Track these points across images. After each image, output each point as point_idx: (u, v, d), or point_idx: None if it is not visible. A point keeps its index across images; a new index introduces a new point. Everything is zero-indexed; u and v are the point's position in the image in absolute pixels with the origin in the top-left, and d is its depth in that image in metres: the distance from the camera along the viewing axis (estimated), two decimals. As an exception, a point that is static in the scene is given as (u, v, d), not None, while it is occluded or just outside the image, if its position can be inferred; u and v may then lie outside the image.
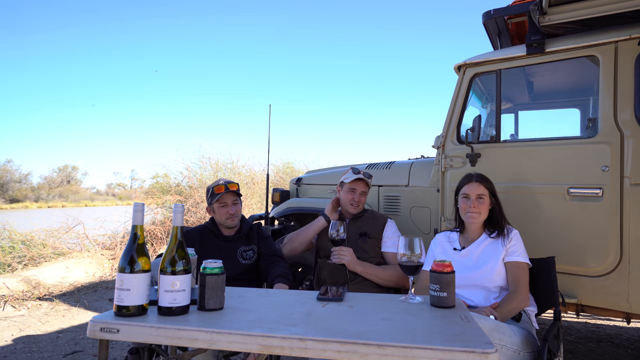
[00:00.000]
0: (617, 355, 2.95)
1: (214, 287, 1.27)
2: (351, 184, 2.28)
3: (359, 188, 2.29)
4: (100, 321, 1.14)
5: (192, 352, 1.32)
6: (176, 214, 1.28)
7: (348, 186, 2.29)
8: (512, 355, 1.50)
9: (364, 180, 2.29)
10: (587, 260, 2.22)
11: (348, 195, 2.29)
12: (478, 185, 1.94)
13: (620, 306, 2.15)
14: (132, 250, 1.20)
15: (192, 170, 9.04)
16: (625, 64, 2.18)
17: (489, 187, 1.97)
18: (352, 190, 2.29)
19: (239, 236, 2.24)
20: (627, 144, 2.14)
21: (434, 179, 2.79)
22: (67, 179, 51.94)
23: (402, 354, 0.98)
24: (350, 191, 2.29)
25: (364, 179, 2.28)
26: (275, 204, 3.82)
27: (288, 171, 10.60)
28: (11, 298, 4.30)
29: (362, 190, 2.31)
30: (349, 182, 2.28)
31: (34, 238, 6.10)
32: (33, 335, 3.42)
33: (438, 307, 1.33)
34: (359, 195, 2.29)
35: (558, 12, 2.26)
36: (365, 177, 2.29)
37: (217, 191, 2.17)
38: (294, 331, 1.08)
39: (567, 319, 3.71)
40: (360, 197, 2.30)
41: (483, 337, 1.04)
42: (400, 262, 1.46)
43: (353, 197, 2.28)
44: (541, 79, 2.97)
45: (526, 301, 1.75)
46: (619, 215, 2.14)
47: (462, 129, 2.67)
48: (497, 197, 1.99)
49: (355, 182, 2.29)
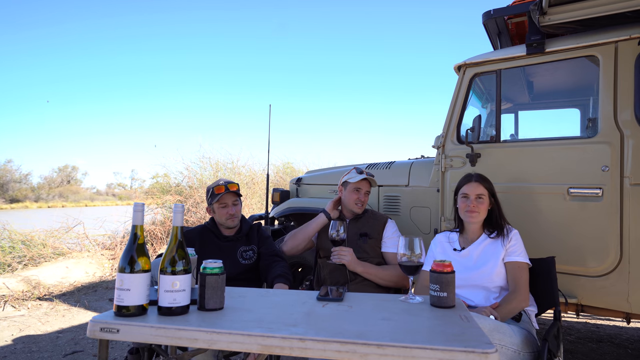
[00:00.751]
0: (617, 355, 2.95)
1: (214, 287, 1.27)
2: (356, 184, 2.30)
3: (363, 188, 2.31)
4: (100, 321, 1.14)
5: (192, 352, 1.32)
6: (176, 214, 1.28)
7: (353, 186, 2.30)
8: (512, 355, 1.50)
9: (368, 180, 2.30)
10: (587, 260, 2.22)
11: (353, 195, 2.29)
12: (477, 185, 1.94)
13: (620, 306, 2.15)
14: (132, 250, 1.20)
15: (192, 170, 9.05)
16: (625, 64, 2.18)
17: (488, 187, 1.97)
18: (357, 190, 2.30)
19: (239, 236, 2.24)
20: (627, 144, 2.14)
21: (434, 179, 2.79)
22: (67, 179, 51.95)
23: (402, 354, 0.98)
24: (355, 191, 2.30)
25: (369, 178, 2.30)
26: (275, 204, 3.82)
27: (288, 171, 10.60)
28: (11, 298, 4.30)
29: (367, 190, 2.32)
30: (354, 182, 2.29)
31: (34, 238, 6.10)
32: (33, 335, 3.42)
33: (438, 307, 1.33)
34: (364, 195, 2.31)
35: (558, 12, 2.26)
36: (370, 177, 2.30)
37: (217, 191, 2.17)
38: (294, 331, 1.08)
39: (567, 319, 3.71)
40: (365, 197, 2.31)
41: (483, 337, 1.04)
42: (400, 262, 1.46)
43: (358, 196, 2.29)
44: (541, 79, 2.97)
45: (526, 301, 1.76)
46: (619, 215, 2.14)
47: (462, 129, 2.67)
48: (496, 198, 1.99)
49: (360, 182, 2.30)
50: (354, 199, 2.29)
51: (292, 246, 2.34)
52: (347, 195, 2.32)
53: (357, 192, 2.29)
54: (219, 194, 2.16)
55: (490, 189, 1.97)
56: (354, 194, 2.29)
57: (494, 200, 1.97)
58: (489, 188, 1.97)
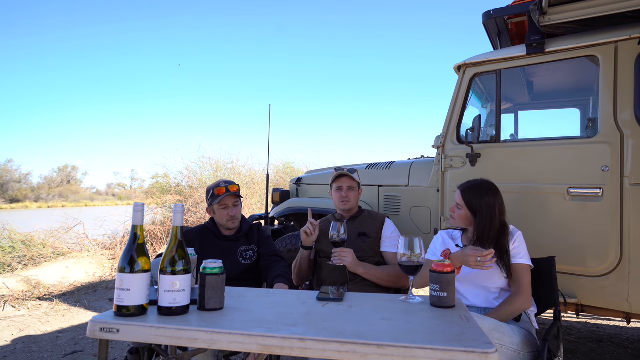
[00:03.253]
0: (617, 355, 2.95)
1: (214, 287, 1.27)
2: (336, 182, 2.34)
3: (344, 184, 2.32)
4: (100, 321, 1.14)
5: (192, 352, 1.32)
6: (176, 214, 1.28)
7: (334, 186, 2.35)
8: (512, 355, 1.50)
9: (346, 175, 2.32)
10: (587, 260, 2.22)
11: (337, 194, 2.33)
12: (457, 193, 1.93)
13: (620, 306, 2.15)
14: (132, 250, 1.19)
15: (192, 170, 9.06)
16: (625, 64, 2.18)
17: (467, 199, 1.86)
18: (338, 189, 2.33)
19: (239, 236, 2.24)
20: (627, 144, 2.14)
21: (434, 179, 2.79)
22: (67, 179, 51.95)
23: (402, 354, 0.98)
24: (337, 190, 2.34)
25: (347, 173, 2.32)
26: (275, 204, 3.82)
27: (288, 171, 10.61)
28: (11, 298, 4.30)
29: (349, 186, 2.32)
30: (333, 182, 2.35)
31: (34, 238, 6.10)
32: (33, 335, 3.42)
33: (438, 307, 1.33)
34: (347, 191, 2.32)
35: (558, 12, 2.26)
36: (348, 172, 2.31)
37: (217, 193, 2.16)
38: (294, 331, 1.08)
39: (567, 319, 3.71)
40: (348, 193, 2.32)
41: (483, 337, 1.04)
42: (400, 262, 1.46)
43: (341, 194, 2.32)
44: (541, 79, 2.97)
45: (528, 303, 1.74)
46: (619, 215, 2.14)
47: (462, 129, 2.67)
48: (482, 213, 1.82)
49: (338, 179, 2.33)
50: (338, 197, 2.32)
51: (299, 281, 2.36)
52: (333, 195, 2.37)
53: (340, 190, 2.32)
54: (219, 195, 2.16)
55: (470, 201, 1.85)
56: (337, 192, 2.33)
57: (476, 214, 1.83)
58: (470, 200, 1.85)
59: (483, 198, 1.84)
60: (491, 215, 1.82)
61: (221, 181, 2.23)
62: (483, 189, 1.87)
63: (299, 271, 2.32)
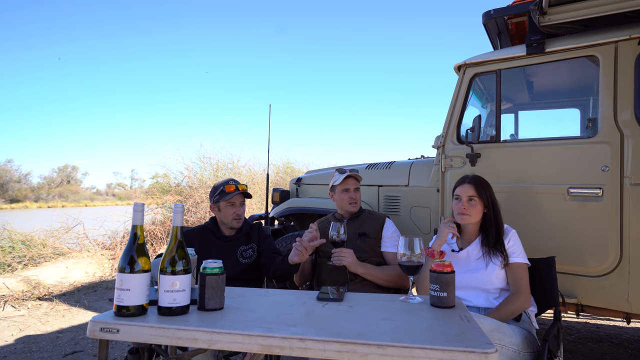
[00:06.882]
0: (617, 355, 2.95)
1: (214, 287, 1.27)
2: (342, 185, 2.32)
3: (351, 185, 2.32)
4: (100, 321, 1.14)
5: (192, 352, 1.32)
6: (176, 214, 1.28)
7: (341, 187, 2.32)
8: (512, 355, 1.50)
9: (352, 176, 2.31)
10: (587, 260, 2.22)
11: (344, 196, 2.31)
12: (469, 187, 1.90)
13: (620, 306, 2.15)
14: (132, 250, 1.19)
15: (192, 170, 9.05)
16: (625, 64, 2.18)
17: (483, 191, 1.89)
18: (345, 190, 2.31)
19: (239, 236, 2.24)
20: (627, 144, 2.14)
21: (434, 179, 2.79)
22: (67, 179, 51.95)
23: (402, 354, 0.98)
24: (344, 192, 2.31)
25: (352, 175, 2.31)
26: (275, 204, 3.82)
27: (288, 171, 10.60)
28: (11, 298, 4.30)
29: (355, 187, 2.33)
30: (339, 184, 2.31)
31: (34, 238, 6.11)
32: (33, 335, 3.42)
33: (438, 307, 1.33)
34: (354, 192, 2.32)
35: (558, 12, 2.26)
36: (353, 173, 2.31)
37: (228, 190, 2.17)
38: (294, 331, 1.08)
39: (567, 319, 3.71)
40: (356, 194, 2.32)
41: (483, 337, 1.04)
42: (400, 262, 1.46)
43: (349, 195, 2.30)
44: (541, 79, 2.97)
45: (528, 302, 1.74)
46: (619, 215, 2.14)
47: (462, 129, 2.67)
48: (494, 204, 1.90)
49: (345, 181, 2.32)
50: (346, 199, 2.30)
51: (299, 281, 2.35)
52: (338, 198, 2.34)
53: (347, 192, 2.31)
54: (230, 192, 2.16)
55: (484, 193, 1.89)
56: (345, 194, 2.31)
57: (489, 206, 1.89)
58: (484, 192, 1.90)
59: (490, 190, 1.93)
60: (498, 207, 1.92)
61: (230, 179, 2.25)
62: (486, 182, 1.95)
63: (300, 271, 2.32)
